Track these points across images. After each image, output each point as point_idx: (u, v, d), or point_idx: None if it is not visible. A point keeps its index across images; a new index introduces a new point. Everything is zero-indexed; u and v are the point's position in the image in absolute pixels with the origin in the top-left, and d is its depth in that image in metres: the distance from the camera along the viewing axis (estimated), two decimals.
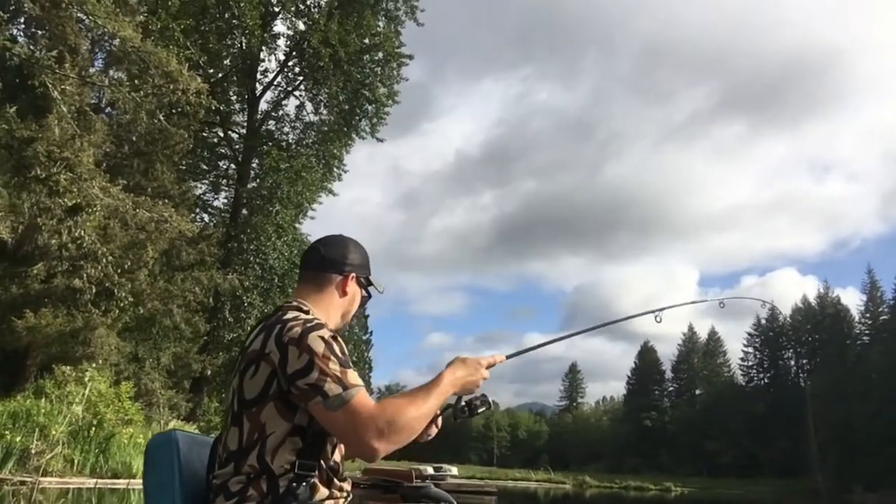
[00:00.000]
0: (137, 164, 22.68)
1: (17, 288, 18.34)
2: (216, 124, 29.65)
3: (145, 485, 1.86)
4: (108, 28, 12.70)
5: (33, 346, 18.56)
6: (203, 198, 30.72)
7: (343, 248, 2.12)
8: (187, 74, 13.41)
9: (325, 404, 1.71)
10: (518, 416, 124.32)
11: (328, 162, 29.30)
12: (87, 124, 18.63)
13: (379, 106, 29.07)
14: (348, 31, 27.36)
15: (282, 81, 30.19)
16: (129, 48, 13.53)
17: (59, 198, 11.69)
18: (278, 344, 1.78)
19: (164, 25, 22.68)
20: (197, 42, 25.77)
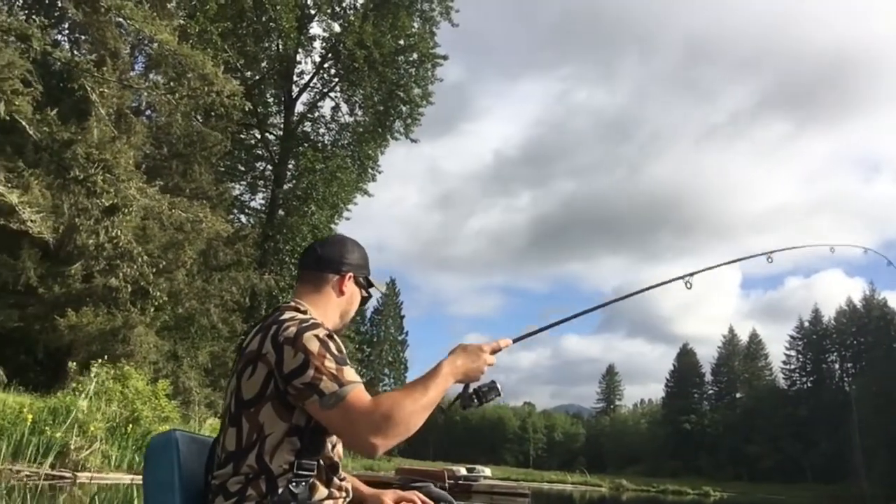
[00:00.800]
0: (176, 166, 23.11)
1: (60, 287, 18.83)
2: (253, 126, 30.05)
3: (145, 485, 1.85)
4: (145, 32, 12.91)
5: (75, 344, 19.01)
6: (240, 199, 31.17)
7: (340, 248, 2.10)
8: (223, 77, 13.58)
9: (321, 403, 1.69)
10: (554, 417, 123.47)
11: (363, 163, 29.51)
12: (127, 127, 19.04)
13: (413, 107, 29.16)
14: (383, 32, 27.51)
15: (318, 83, 30.51)
16: (166, 51, 13.74)
17: (97, 198, 11.95)
18: (274, 344, 1.77)
19: (202, 29, 23.05)
20: (234, 45, 26.20)
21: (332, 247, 2.11)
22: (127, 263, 13.25)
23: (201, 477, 1.87)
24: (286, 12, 26.12)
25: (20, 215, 12.06)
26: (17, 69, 11.02)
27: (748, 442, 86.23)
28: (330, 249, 2.09)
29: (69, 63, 11.19)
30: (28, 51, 11.52)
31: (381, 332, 63.73)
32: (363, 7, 29.00)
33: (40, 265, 18.41)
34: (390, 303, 65.44)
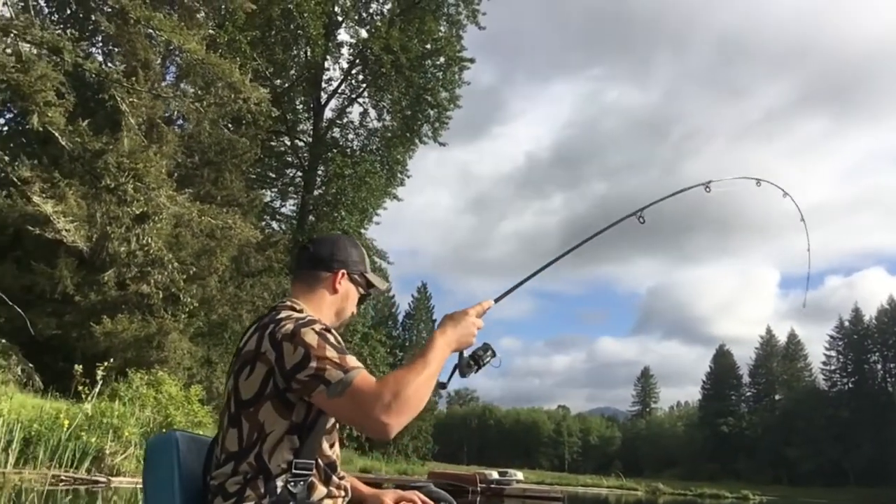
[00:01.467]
0: (207, 174, 23.41)
1: (95, 295, 19.17)
2: (283, 133, 30.35)
3: (145, 485, 1.85)
4: (174, 42, 13.10)
5: (111, 351, 19.34)
6: (272, 205, 31.46)
7: (332, 246, 2.09)
8: (250, 84, 13.71)
9: (328, 392, 1.67)
10: (589, 421, 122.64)
11: (392, 167, 29.64)
12: (159, 136, 19.36)
13: (441, 110, 29.21)
14: (410, 36, 27.61)
15: (346, 89, 30.76)
16: (195, 61, 13.92)
17: (128, 206, 12.16)
18: (273, 342, 1.76)
19: (231, 38, 23.36)
20: (263, 53, 26.47)
21: (324, 245, 2.10)
22: (158, 270, 13.45)
23: (201, 477, 1.86)
24: (313, 20, 26.33)
25: (55, 225, 12.28)
26: (49, 81, 11.24)
27: (787, 444, 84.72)
28: (322, 248, 2.08)
29: (99, 74, 11.38)
30: (60, 63, 11.76)
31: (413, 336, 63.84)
32: (390, 12, 29.14)
33: (76, 274, 18.78)
34: (422, 307, 65.61)
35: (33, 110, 10.89)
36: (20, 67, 11.22)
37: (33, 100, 10.73)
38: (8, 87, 11.43)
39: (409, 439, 59.63)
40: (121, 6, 12.49)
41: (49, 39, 11.11)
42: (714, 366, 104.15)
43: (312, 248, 2.09)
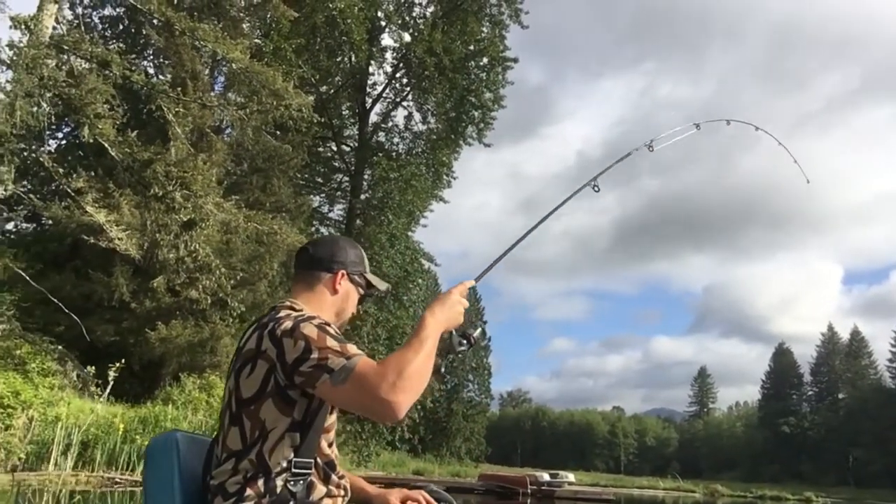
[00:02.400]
0: (256, 181, 23.81)
1: (150, 302, 19.65)
2: (329, 139, 30.69)
3: (145, 485, 1.85)
4: (218, 51, 13.36)
5: (166, 356, 19.82)
6: (320, 210, 31.81)
7: (332, 246, 2.11)
8: (293, 91, 13.89)
9: (332, 380, 1.67)
10: (645, 422, 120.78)
11: (437, 170, 29.66)
12: (208, 145, 19.77)
13: (485, 111, 29.15)
14: (452, 38, 27.62)
15: (390, 93, 30.92)
16: (239, 70, 14.17)
17: (175, 214, 12.44)
18: (273, 339, 1.77)
19: (277, 46, 23.71)
20: (308, 61, 26.80)
21: (323, 246, 2.11)
22: (206, 276, 13.72)
23: (201, 477, 1.87)
24: (357, 25, 26.52)
25: (108, 234, 12.62)
26: (100, 94, 11.57)
27: (853, 445, 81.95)
28: (321, 248, 2.10)
29: (146, 86, 11.68)
30: (110, 76, 12.09)
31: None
32: (432, 15, 29.21)
33: (132, 281, 19.28)
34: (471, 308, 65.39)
35: (84, 122, 11.23)
36: (72, 82, 11.58)
37: (84, 112, 11.07)
38: (60, 101, 11.79)
39: (461, 441, 59.62)
40: (166, 19, 12.76)
41: (98, 53, 11.45)
42: (773, 364, 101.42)
43: (312, 249, 2.10)
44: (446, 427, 58.75)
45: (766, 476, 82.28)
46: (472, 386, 63.30)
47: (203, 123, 18.65)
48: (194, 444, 1.91)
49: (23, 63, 10.44)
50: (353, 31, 26.61)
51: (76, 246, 20.44)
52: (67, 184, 12.47)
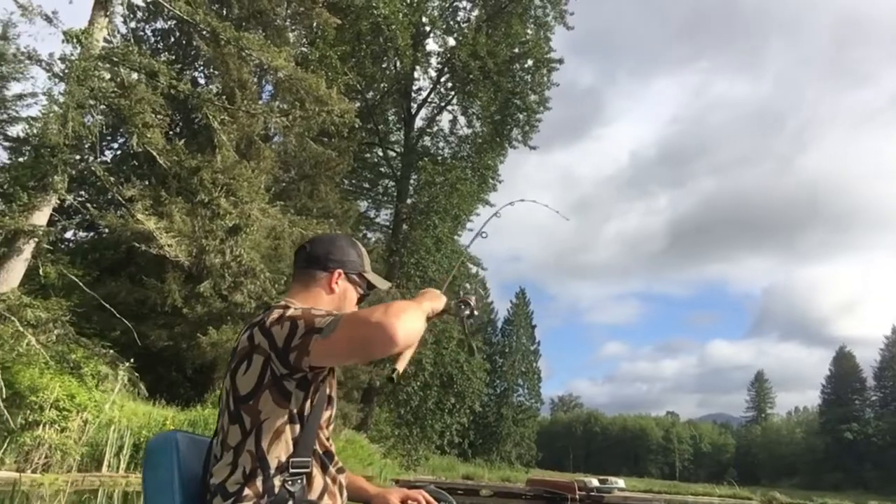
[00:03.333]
0: (303, 187, 24.15)
1: (202, 307, 20.06)
2: (376, 144, 30.93)
3: (145, 485, 1.85)
4: (262, 60, 13.58)
5: (217, 361, 20.19)
6: (367, 215, 32.06)
7: (328, 245, 2.08)
8: (336, 97, 14.03)
9: (322, 335, 1.66)
10: (701, 427, 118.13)
11: (483, 173, 29.60)
12: (256, 152, 20.10)
13: (530, 114, 29.02)
14: (497, 41, 27.58)
15: (435, 98, 31.03)
16: (283, 77, 14.38)
17: (221, 220, 12.68)
18: (263, 332, 1.78)
19: (322, 54, 23.99)
20: (354, 67, 27.06)
21: (321, 244, 2.09)
22: (250, 280, 13.94)
23: (201, 477, 1.86)
24: (401, 31, 26.69)
25: (158, 241, 12.91)
26: (149, 104, 11.86)
27: None
28: (319, 247, 2.07)
29: (192, 95, 11.93)
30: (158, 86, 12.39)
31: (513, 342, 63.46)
32: (477, 19, 29.21)
33: (184, 287, 19.72)
34: (521, 312, 65.08)
35: (133, 132, 11.53)
36: (121, 93, 11.91)
37: (133, 122, 11.37)
38: (111, 112, 12.13)
39: (511, 446, 59.30)
40: (212, 29, 13.02)
41: (146, 64, 11.75)
42: (835, 369, 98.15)
43: (309, 247, 2.08)
44: (496, 431, 58.50)
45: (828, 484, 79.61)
46: (521, 390, 62.90)
47: (251, 131, 18.97)
48: (194, 444, 1.91)
49: (74, 75, 10.77)
50: (397, 36, 26.78)
51: (131, 253, 21.02)
52: (119, 193, 12.80)
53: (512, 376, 61.13)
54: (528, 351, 63.92)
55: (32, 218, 10.88)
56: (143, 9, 26.04)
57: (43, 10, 11.57)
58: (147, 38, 26.91)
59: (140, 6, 25.93)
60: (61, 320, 11.12)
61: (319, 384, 1.82)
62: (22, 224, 10.72)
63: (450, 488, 21.75)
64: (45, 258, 11.38)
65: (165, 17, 26.96)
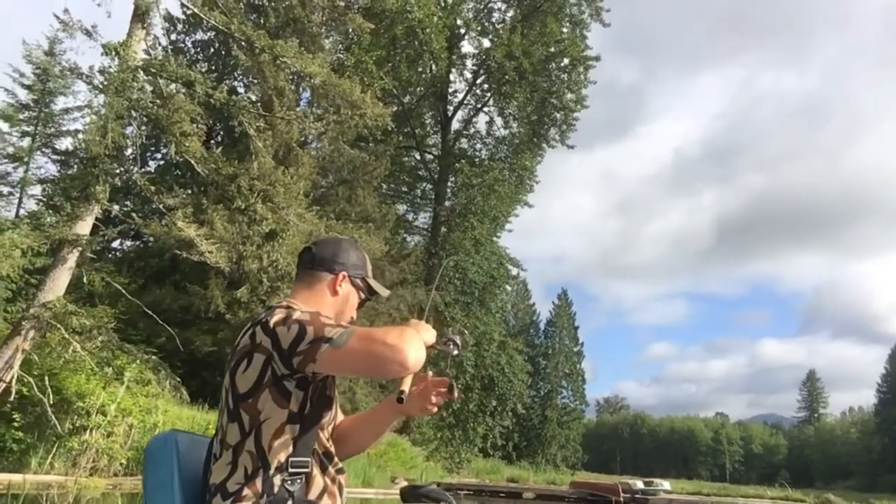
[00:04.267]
0: (342, 192, 24.32)
1: (244, 313, 20.35)
2: (413, 148, 31.02)
3: (145, 485, 1.86)
4: (296, 66, 13.71)
5: None
6: (405, 218, 32.18)
7: (334, 248, 2.09)
8: (370, 101, 14.10)
9: (332, 345, 1.68)
10: (751, 428, 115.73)
11: (520, 174, 29.46)
12: (294, 159, 20.32)
13: (567, 112, 28.80)
14: (532, 41, 27.46)
15: (471, 100, 31.02)
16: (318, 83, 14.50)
17: (257, 225, 12.85)
18: (266, 331, 1.78)
19: (358, 59, 24.18)
20: (390, 72, 27.19)
21: (326, 247, 2.10)
22: (287, 285, 14.07)
23: (201, 477, 1.87)
24: (436, 34, 26.74)
25: (198, 248, 13.11)
26: (185, 113, 12.08)
27: None
28: (324, 249, 2.08)
29: (227, 103, 12.12)
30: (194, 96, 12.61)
31: (556, 343, 62.96)
32: (512, 19, 29.13)
33: (226, 293, 20.03)
34: (563, 314, 64.51)
35: (171, 141, 11.76)
36: (159, 103, 12.14)
37: (171, 131, 11.59)
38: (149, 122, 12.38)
39: (556, 448, 58.81)
40: (247, 38, 13.19)
41: (183, 74, 11.96)
42: (891, 367, 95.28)
43: (314, 249, 2.09)
44: (541, 434, 58.08)
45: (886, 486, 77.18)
46: (565, 392, 62.36)
47: (289, 138, 19.19)
48: (194, 444, 1.91)
49: (113, 87, 11.02)
50: (432, 40, 26.85)
51: (175, 261, 21.43)
52: (160, 201, 13.04)
53: (555, 378, 60.63)
54: (571, 352, 63.35)
55: (76, 227, 11.14)
56: (182, 21, 26.61)
57: (83, 24, 11.88)
58: (187, 49, 27.48)
59: (180, 19, 26.54)
60: (105, 327, 11.35)
61: (319, 384, 1.83)
62: (66, 234, 10.99)
63: (492, 491, 21.66)
64: (89, 267, 11.65)
65: (204, 29, 27.50)
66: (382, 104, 15.26)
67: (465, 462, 29.20)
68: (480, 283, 27.62)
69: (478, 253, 27.77)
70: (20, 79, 23.92)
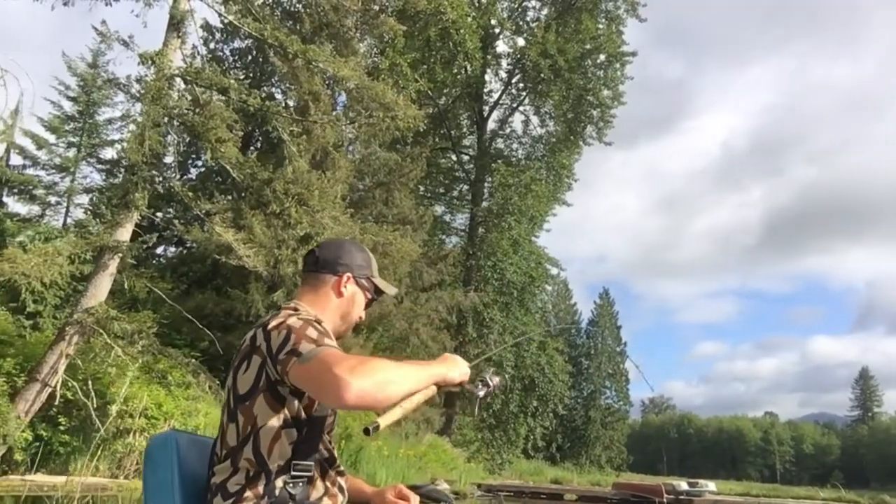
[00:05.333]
0: (378, 195, 24.41)
1: None
2: (449, 149, 31.02)
3: (145, 485, 1.87)
4: (329, 70, 13.81)
5: None
6: (443, 220, 32.20)
7: (338, 249, 2.11)
8: (402, 102, 14.12)
9: (299, 360, 1.67)
10: (802, 428, 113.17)
11: (558, 173, 29.24)
12: (332, 163, 20.48)
13: (604, 109, 28.50)
14: (567, 38, 27.24)
15: (506, 99, 30.90)
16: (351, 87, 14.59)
17: (292, 229, 12.97)
18: (265, 334, 1.80)
19: (392, 62, 24.26)
20: (425, 74, 27.24)
21: (330, 248, 2.11)
22: None
23: (201, 477, 1.88)
24: (470, 34, 26.71)
25: (237, 252, 13.28)
26: (220, 120, 12.24)
27: None
28: (328, 251, 2.10)
29: (261, 109, 12.26)
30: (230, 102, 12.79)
31: (598, 343, 62.36)
32: (546, 17, 28.94)
33: (266, 297, 20.27)
34: (605, 313, 63.87)
35: (206, 147, 11.94)
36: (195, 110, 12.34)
37: (206, 137, 11.75)
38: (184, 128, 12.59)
39: (601, 449, 58.24)
40: (280, 43, 13.32)
41: (217, 80, 12.13)
42: None
43: (318, 251, 2.10)
44: (584, 435, 57.59)
45: None
46: (609, 392, 61.72)
47: (326, 142, 19.35)
48: (194, 445, 1.92)
49: (149, 95, 11.23)
50: (466, 41, 26.82)
51: (216, 266, 21.77)
52: (198, 207, 13.24)
53: (598, 378, 60.06)
54: (613, 352, 62.69)
55: (116, 234, 11.37)
56: (220, 30, 27.04)
57: (120, 35, 12.13)
58: (226, 57, 27.90)
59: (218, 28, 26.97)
60: (147, 332, 11.55)
61: None
62: (106, 240, 11.22)
63: (533, 492, 21.51)
64: (130, 272, 11.87)
65: (242, 38, 27.91)
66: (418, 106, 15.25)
67: (507, 463, 29.08)
68: (519, 283, 27.48)
69: (515, 253, 27.64)
70: (66, 91, 24.56)
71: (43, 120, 24.09)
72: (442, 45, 27.85)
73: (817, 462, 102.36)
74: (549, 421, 32.40)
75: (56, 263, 11.28)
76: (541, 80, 27.99)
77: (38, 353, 11.43)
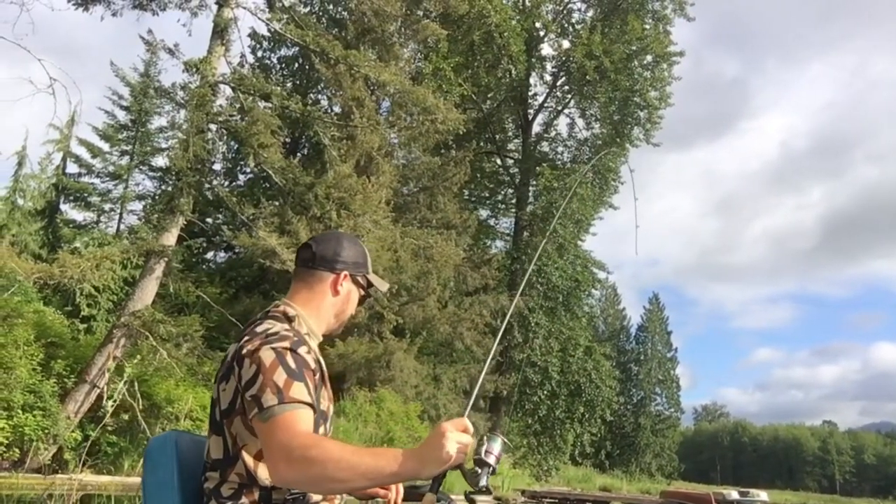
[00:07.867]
0: (423, 199, 24.46)
1: None
2: (493, 153, 30.90)
3: (145, 485, 1.86)
4: (370, 75, 13.90)
5: (346, 372, 20.79)
6: (487, 224, 32.08)
7: (335, 245, 2.01)
8: (444, 106, 14.14)
9: (259, 416, 1.60)
10: (863, 437, 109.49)
11: (604, 175, 28.85)
12: (376, 167, 20.61)
13: (651, 110, 28.04)
14: (612, 39, 26.92)
15: (551, 102, 30.63)
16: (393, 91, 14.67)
17: None
18: (237, 358, 1.72)
19: (436, 67, 24.29)
20: (469, 79, 27.20)
21: (327, 244, 2.01)
22: None
23: (201, 477, 1.85)
24: (514, 37, 26.59)
25: (280, 256, 13.44)
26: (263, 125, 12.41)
27: None
28: (325, 247, 1.99)
29: (303, 113, 12.41)
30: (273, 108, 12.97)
31: (648, 349, 61.24)
32: (592, 19, 28.66)
33: None
34: (655, 318, 62.66)
35: (249, 153, 12.12)
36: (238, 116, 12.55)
37: (249, 143, 11.93)
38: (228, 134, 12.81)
39: (651, 457, 57.17)
40: (321, 49, 13.45)
41: (259, 87, 12.32)
42: None
43: (314, 246, 2.00)
44: (634, 442, 56.58)
45: None
46: (660, 399, 60.56)
47: (370, 147, 19.50)
48: (194, 445, 1.90)
49: (194, 102, 11.45)
50: (510, 44, 26.70)
51: (263, 270, 22.10)
52: (242, 212, 13.44)
53: (648, 385, 58.98)
54: (664, 358, 61.48)
55: (162, 239, 11.61)
56: (267, 39, 27.49)
57: (165, 43, 12.40)
58: (273, 65, 28.36)
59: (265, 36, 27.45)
60: (192, 335, 11.76)
61: None
62: (153, 245, 11.47)
63: (579, 499, 21.20)
64: (175, 276, 12.10)
65: (289, 45, 28.34)
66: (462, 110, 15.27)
67: (554, 470, 28.73)
68: (564, 287, 27.17)
69: (561, 257, 27.33)
70: (119, 101, 25.28)
71: (97, 129, 24.86)
72: (486, 48, 27.78)
73: (879, 473, 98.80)
74: (598, 427, 31.87)
75: (106, 268, 11.56)
76: (586, 82, 27.68)
77: (88, 356, 11.73)
